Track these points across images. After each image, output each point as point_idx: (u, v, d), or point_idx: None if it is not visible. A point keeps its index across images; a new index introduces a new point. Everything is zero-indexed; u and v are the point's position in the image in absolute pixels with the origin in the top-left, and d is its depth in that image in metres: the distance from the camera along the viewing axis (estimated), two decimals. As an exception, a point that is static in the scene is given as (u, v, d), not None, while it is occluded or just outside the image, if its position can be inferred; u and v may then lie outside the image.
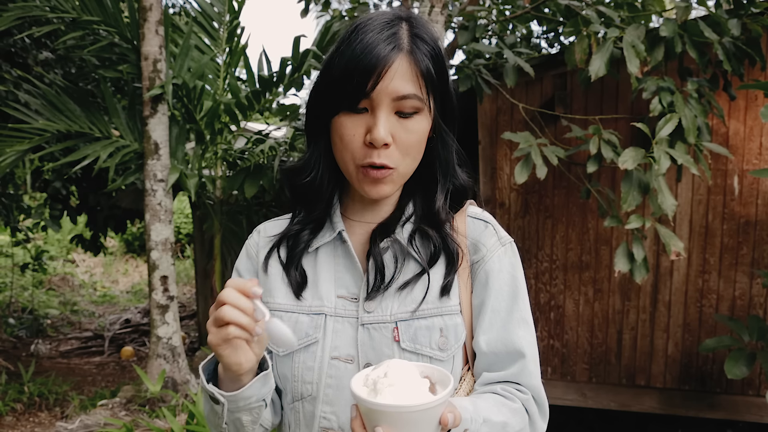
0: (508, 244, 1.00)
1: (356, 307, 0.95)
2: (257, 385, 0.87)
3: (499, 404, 0.89)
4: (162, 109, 3.87)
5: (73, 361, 6.55)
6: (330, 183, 0.99)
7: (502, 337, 0.94)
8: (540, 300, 4.24)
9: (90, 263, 12.81)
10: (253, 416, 0.90)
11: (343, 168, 0.94)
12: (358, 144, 0.89)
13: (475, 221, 1.01)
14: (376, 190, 0.92)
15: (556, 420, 4.86)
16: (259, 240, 1.05)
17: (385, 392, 0.71)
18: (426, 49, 0.90)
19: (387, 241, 0.96)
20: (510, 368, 0.94)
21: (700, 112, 3.03)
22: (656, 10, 3.68)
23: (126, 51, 4.08)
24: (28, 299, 8.84)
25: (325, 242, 0.99)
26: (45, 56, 5.62)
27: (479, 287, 0.97)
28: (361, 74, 0.86)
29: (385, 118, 0.88)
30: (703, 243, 3.90)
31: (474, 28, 3.74)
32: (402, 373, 0.73)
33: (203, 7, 4.43)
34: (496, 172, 4.24)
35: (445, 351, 0.93)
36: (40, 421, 4.73)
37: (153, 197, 3.87)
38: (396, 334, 0.92)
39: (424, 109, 0.90)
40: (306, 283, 0.98)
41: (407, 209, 0.99)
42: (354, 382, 0.74)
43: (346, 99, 0.88)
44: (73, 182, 6.62)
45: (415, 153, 0.93)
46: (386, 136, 0.87)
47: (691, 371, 3.98)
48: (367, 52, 0.86)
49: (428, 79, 0.90)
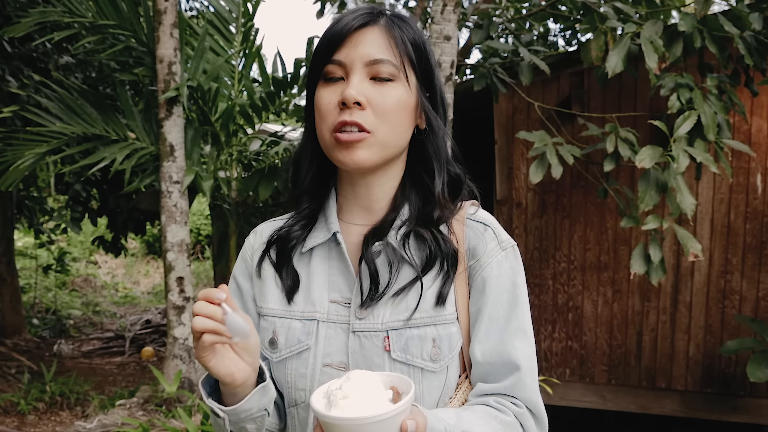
0: (509, 248, 0.95)
1: (349, 313, 0.93)
2: (256, 397, 0.86)
3: (488, 417, 0.86)
4: (177, 112, 3.90)
5: (94, 361, 6.64)
6: (311, 166, 0.98)
7: (497, 348, 0.90)
8: (558, 301, 4.18)
9: (112, 264, 12.99)
10: (257, 424, 0.90)
11: (322, 144, 0.93)
12: (333, 109, 0.89)
13: (474, 224, 0.97)
14: (350, 155, 0.89)
15: (575, 422, 4.80)
16: (255, 242, 1.04)
17: (340, 404, 0.70)
18: (405, 29, 0.92)
19: (379, 245, 0.92)
20: (504, 380, 0.90)
21: (720, 109, 2.95)
22: (675, 6, 3.61)
23: (142, 54, 4.12)
24: (52, 300, 8.99)
25: (320, 243, 0.97)
26: (65, 61, 5.71)
27: (477, 294, 0.93)
28: (330, 40, 0.89)
29: (358, 81, 0.88)
30: (725, 242, 3.82)
31: (489, 26, 3.70)
32: (360, 384, 0.72)
33: (218, 9, 4.46)
34: (513, 172, 4.20)
35: (438, 362, 0.90)
36: (62, 420, 4.80)
37: (169, 199, 3.90)
38: (387, 344, 0.90)
39: (401, 77, 0.90)
40: (298, 287, 0.96)
41: (403, 210, 0.96)
42: (315, 394, 0.74)
43: (319, 64, 0.90)
44: (93, 185, 6.71)
45: (393, 120, 0.90)
46: (357, 94, 0.87)
47: (713, 373, 3.90)
48: (338, 25, 0.90)
49: (405, 53, 0.90)
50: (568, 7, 4.32)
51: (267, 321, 0.97)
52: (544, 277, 4.19)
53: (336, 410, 0.70)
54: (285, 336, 0.95)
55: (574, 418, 4.62)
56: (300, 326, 0.94)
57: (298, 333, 0.94)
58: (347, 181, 0.97)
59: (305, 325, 0.94)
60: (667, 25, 3.14)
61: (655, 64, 2.82)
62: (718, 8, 3.45)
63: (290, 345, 0.94)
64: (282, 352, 0.94)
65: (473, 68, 3.92)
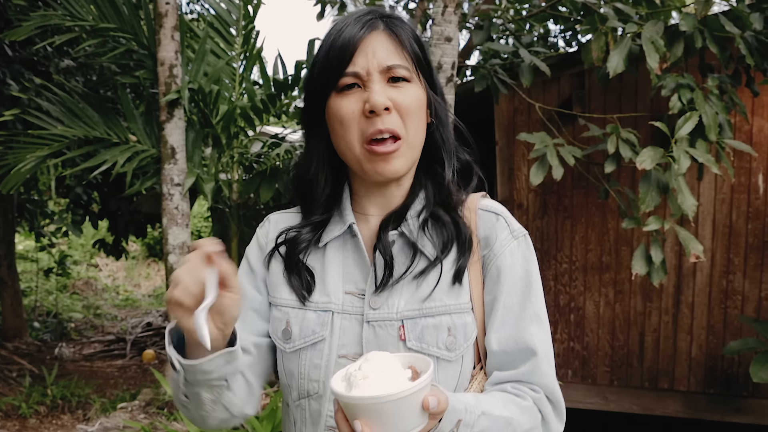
0: (521, 237, 0.96)
1: (363, 304, 0.92)
2: (219, 361, 0.81)
3: (506, 401, 0.86)
4: (178, 114, 3.90)
5: (95, 364, 6.64)
6: (327, 182, 0.98)
7: (513, 335, 0.91)
8: (559, 302, 4.18)
9: (113, 267, 12.99)
10: (213, 395, 0.86)
11: (349, 155, 0.92)
12: (359, 118, 0.89)
13: (486, 214, 0.98)
14: (388, 167, 0.89)
15: (578, 424, 4.79)
16: (269, 231, 1.03)
17: (360, 385, 0.70)
18: (405, 29, 0.93)
19: (395, 233, 0.93)
20: (521, 367, 0.90)
21: (722, 109, 2.95)
22: (676, 6, 3.61)
23: (143, 57, 4.12)
24: (53, 303, 8.99)
25: (335, 236, 0.96)
26: (66, 64, 5.71)
27: (491, 283, 0.93)
28: (340, 52, 0.89)
29: (380, 87, 0.88)
30: (727, 243, 3.81)
31: (489, 27, 3.70)
32: (379, 364, 0.72)
33: (218, 11, 4.46)
34: (514, 173, 4.20)
35: (453, 351, 0.90)
36: (63, 424, 4.80)
37: (170, 201, 3.90)
38: (402, 333, 0.90)
39: (414, 78, 0.91)
40: (312, 284, 0.96)
41: (420, 195, 0.96)
42: (334, 378, 0.74)
43: (332, 77, 0.90)
44: (94, 188, 6.71)
45: (417, 120, 0.91)
46: (385, 99, 0.87)
47: (716, 374, 3.89)
48: (344, 35, 0.89)
49: (412, 52, 0.92)
50: (568, 8, 4.32)
51: (280, 311, 0.97)
52: (545, 278, 4.18)
53: (357, 390, 0.70)
54: (299, 327, 0.94)
55: (577, 419, 4.61)
56: (315, 317, 0.94)
57: (313, 324, 0.93)
58: (362, 182, 0.98)
59: (320, 316, 0.94)
60: (668, 25, 3.14)
61: (657, 64, 2.82)
62: (718, 9, 3.45)
63: (305, 336, 0.93)
64: (296, 343, 0.94)
65: (474, 69, 3.92)
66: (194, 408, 0.89)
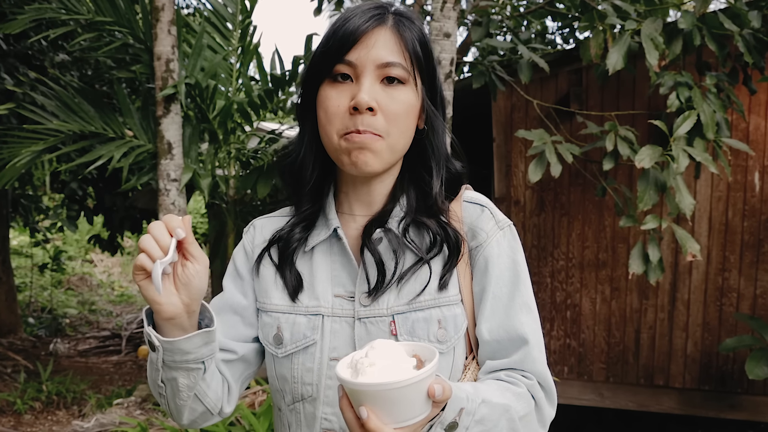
0: (506, 228, 0.97)
1: (353, 306, 0.93)
2: (197, 341, 0.85)
3: (502, 389, 0.87)
4: (175, 109, 3.88)
5: (91, 360, 6.62)
6: (315, 167, 0.98)
7: (504, 324, 0.92)
8: (556, 299, 4.19)
9: (108, 263, 12.95)
10: (190, 380, 0.88)
11: (329, 146, 0.92)
12: (343, 113, 0.88)
13: (471, 206, 0.98)
14: (361, 158, 0.88)
15: (574, 420, 4.80)
16: (255, 238, 1.04)
17: (367, 371, 0.71)
18: (412, 30, 0.91)
19: (380, 232, 0.93)
20: (513, 355, 0.92)
21: (719, 107, 2.95)
22: (674, 3, 3.61)
23: (139, 51, 4.09)
24: (47, 299, 8.96)
25: (321, 240, 0.97)
26: (61, 58, 5.67)
27: (479, 274, 0.94)
28: (342, 40, 0.88)
29: (370, 84, 0.87)
30: (723, 240, 3.82)
31: (487, 23, 3.70)
32: (385, 352, 0.73)
33: (215, 6, 4.43)
34: (511, 170, 4.20)
35: (444, 343, 0.91)
36: (58, 420, 4.78)
37: (166, 197, 3.88)
38: (393, 328, 0.91)
39: (410, 81, 0.90)
40: (302, 286, 0.96)
41: (401, 201, 0.97)
42: (339, 365, 0.75)
43: (327, 63, 0.89)
44: (89, 183, 6.68)
45: (402, 125, 0.90)
46: (370, 99, 0.86)
47: (711, 371, 3.91)
48: (349, 24, 0.89)
49: (414, 55, 0.90)
50: (566, 4, 4.32)
51: (270, 317, 0.97)
52: (542, 275, 4.19)
53: (364, 377, 0.70)
54: (290, 331, 0.95)
55: (573, 415, 4.62)
56: (305, 321, 0.94)
57: (304, 328, 0.94)
58: (348, 178, 0.98)
59: (310, 320, 0.94)
60: (666, 23, 3.14)
61: (656, 61, 2.82)
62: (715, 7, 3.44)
63: (296, 340, 0.94)
64: (287, 348, 0.94)
65: (472, 66, 3.91)
66: (170, 396, 0.90)
